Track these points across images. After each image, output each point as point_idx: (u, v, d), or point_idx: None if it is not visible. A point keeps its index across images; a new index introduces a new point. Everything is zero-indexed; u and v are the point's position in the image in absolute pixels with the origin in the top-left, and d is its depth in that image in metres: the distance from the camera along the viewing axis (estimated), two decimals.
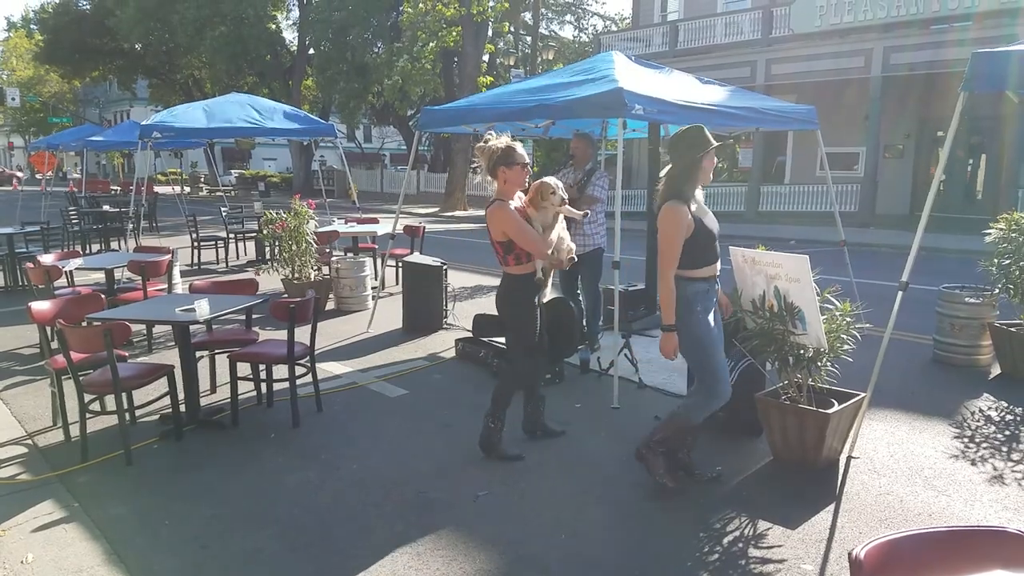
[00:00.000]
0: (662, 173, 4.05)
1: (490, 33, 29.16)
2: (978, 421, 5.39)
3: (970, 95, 4.44)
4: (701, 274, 3.98)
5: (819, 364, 4.43)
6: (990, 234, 6.55)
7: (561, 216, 4.47)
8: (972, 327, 6.63)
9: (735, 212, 22.06)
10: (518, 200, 4.45)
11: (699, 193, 4.04)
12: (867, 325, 4.56)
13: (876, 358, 4.70)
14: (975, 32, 16.43)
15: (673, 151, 3.97)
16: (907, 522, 3.87)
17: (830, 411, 4.35)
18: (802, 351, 4.41)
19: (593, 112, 6.34)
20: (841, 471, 4.51)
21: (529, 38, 36.99)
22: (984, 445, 4.93)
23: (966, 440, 5.01)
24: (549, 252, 4.40)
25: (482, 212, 5.10)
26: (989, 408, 5.68)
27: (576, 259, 4.70)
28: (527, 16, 36.80)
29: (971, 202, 19.23)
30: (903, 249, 6.34)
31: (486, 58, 30.60)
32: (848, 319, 4.38)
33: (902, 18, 18.14)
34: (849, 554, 1.85)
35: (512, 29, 36.18)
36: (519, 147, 4.34)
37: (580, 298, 6.90)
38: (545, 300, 4.64)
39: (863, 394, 4.66)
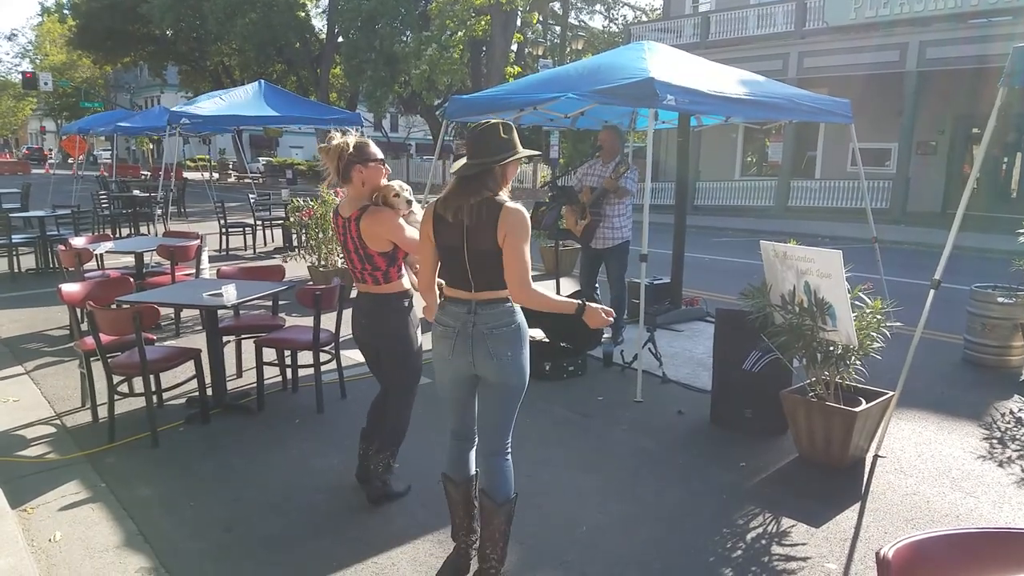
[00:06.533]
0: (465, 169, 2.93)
1: (519, 23, 29.07)
2: (1008, 423, 5.30)
3: (1009, 91, 4.34)
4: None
5: (848, 361, 4.38)
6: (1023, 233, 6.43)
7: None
8: (1004, 327, 6.51)
9: (764, 207, 21.84)
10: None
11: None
12: (897, 323, 4.49)
13: (905, 357, 4.63)
14: (1015, 27, 16.07)
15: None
16: (934, 523, 3.81)
17: (857, 409, 4.30)
18: (832, 348, 4.36)
19: (623, 102, 6.30)
20: (867, 470, 4.45)
21: (558, 28, 36.87)
22: (1013, 447, 4.84)
23: (995, 442, 4.92)
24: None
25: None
26: (1020, 410, 5.57)
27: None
28: (556, 6, 36.64)
29: (1005, 201, 18.87)
30: (935, 247, 6.23)
31: (514, 48, 30.54)
32: (878, 316, 4.32)
33: (939, 12, 17.78)
34: (877, 553, 1.82)
35: (541, 19, 36.03)
36: (372, 143, 3.82)
37: (596, 290, 6.91)
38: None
39: (891, 393, 4.60)
